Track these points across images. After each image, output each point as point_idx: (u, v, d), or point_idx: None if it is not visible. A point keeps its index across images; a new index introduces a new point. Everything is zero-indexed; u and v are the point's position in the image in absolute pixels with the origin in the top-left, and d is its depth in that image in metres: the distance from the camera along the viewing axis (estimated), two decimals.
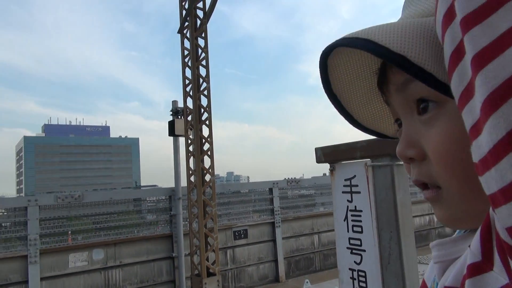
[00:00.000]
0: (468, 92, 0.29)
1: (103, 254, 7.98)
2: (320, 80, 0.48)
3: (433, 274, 0.45)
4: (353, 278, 2.46)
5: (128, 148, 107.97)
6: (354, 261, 2.44)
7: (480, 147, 0.28)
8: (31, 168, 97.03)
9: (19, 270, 7.26)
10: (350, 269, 2.48)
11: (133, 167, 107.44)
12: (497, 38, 0.26)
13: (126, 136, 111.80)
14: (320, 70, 0.47)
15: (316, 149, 2.72)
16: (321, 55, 0.45)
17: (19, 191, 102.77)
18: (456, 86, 0.30)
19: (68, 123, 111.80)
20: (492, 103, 0.26)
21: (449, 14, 0.30)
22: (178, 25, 8.94)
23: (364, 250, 2.39)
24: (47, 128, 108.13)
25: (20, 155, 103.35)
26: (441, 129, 0.39)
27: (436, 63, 0.35)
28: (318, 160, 2.73)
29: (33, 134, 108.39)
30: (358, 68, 0.48)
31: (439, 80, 0.35)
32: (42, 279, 7.33)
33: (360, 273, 2.41)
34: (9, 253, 7.30)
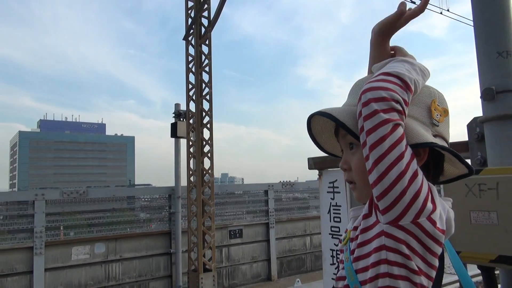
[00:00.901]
0: (364, 143, 0.76)
1: (104, 248, 8.33)
2: (306, 128, 0.96)
3: (349, 225, 0.93)
4: (333, 257, 3.22)
5: (124, 146, 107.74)
6: (334, 244, 3.18)
7: (368, 166, 0.75)
8: (25, 163, 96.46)
9: (25, 261, 7.60)
10: (331, 249, 3.24)
11: (128, 166, 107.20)
12: (374, 126, 0.74)
13: (122, 134, 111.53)
14: (307, 123, 0.95)
15: (309, 159, 3.44)
16: (308, 116, 0.93)
17: (12, 185, 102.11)
18: (361, 140, 0.77)
19: (64, 119, 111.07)
20: (371, 149, 0.74)
21: (360, 113, 0.77)
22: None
23: (341, 235, 2.99)
24: (43, 123, 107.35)
25: (15, 149, 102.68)
26: (357, 157, 0.87)
27: (357, 129, 0.81)
28: (310, 167, 3.46)
29: (28, 129, 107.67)
30: (325, 123, 0.97)
31: (357, 136, 0.80)
32: (46, 270, 7.67)
33: (338, 252, 3.01)
34: (16, 244, 7.64)
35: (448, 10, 8.72)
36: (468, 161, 2.14)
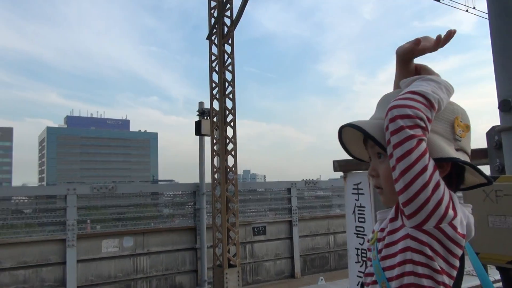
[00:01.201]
0: (391, 155, 0.85)
1: (133, 242, 8.63)
2: (337, 135, 1.05)
3: (376, 226, 1.04)
4: (358, 255, 3.39)
5: (147, 142, 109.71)
6: (359, 243, 3.36)
7: (394, 175, 0.85)
8: (52, 158, 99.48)
9: (58, 252, 7.96)
10: (356, 248, 3.41)
11: (151, 161, 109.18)
12: (400, 140, 0.83)
13: (145, 130, 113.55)
14: (338, 131, 1.04)
15: (334, 161, 3.65)
16: (340, 126, 1.01)
17: (40, 180, 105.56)
18: (388, 152, 0.87)
19: (89, 116, 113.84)
20: (397, 161, 0.84)
21: (387, 128, 0.86)
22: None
23: (366, 235, 3.31)
24: (69, 119, 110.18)
25: (43, 145, 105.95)
26: (385, 166, 0.95)
27: (385, 141, 0.89)
28: (335, 169, 3.68)
29: (56, 125, 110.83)
30: (355, 132, 1.03)
31: (385, 147, 0.89)
32: (78, 261, 8.02)
33: (363, 251, 3.35)
34: (50, 236, 8.01)
35: (474, 8, 8.54)
36: (487, 167, 2.21)
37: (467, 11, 8.57)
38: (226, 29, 9.09)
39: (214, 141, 9.16)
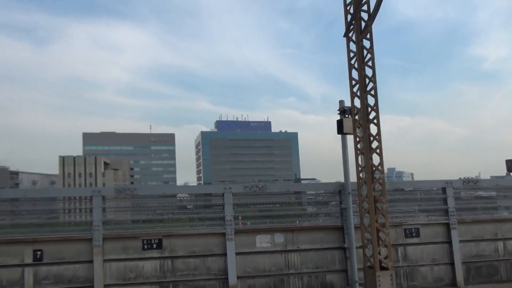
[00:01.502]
0: None
1: (283, 238, 9.10)
2: None
3: None
4: None
5: (288, 142, 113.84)
6: None
7: None
8: (206, 159, 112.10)
9: (220, 244, 8.94)
10: None
11: (293, 160, 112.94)
12: None
13: (285, 131, 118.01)
14: None
15: (507, 161, 3.20)
16: None
17: (198, 179, 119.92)
18: None
19: (235, 119, 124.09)
20: None
21: None
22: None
23: None
24: (218, 124, 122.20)
25: (199, 148, 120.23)
26: None
27: None
28: (509, 170, 3.21)
29: (208, 130, 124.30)
30: None
31: None
32: (236, 254, 8.86)
33: None
34: (212, 229, 9.07)
35: None
36: None
37: None
38: (363, 24, 8.81)
39: (357, 139, 8.98)
